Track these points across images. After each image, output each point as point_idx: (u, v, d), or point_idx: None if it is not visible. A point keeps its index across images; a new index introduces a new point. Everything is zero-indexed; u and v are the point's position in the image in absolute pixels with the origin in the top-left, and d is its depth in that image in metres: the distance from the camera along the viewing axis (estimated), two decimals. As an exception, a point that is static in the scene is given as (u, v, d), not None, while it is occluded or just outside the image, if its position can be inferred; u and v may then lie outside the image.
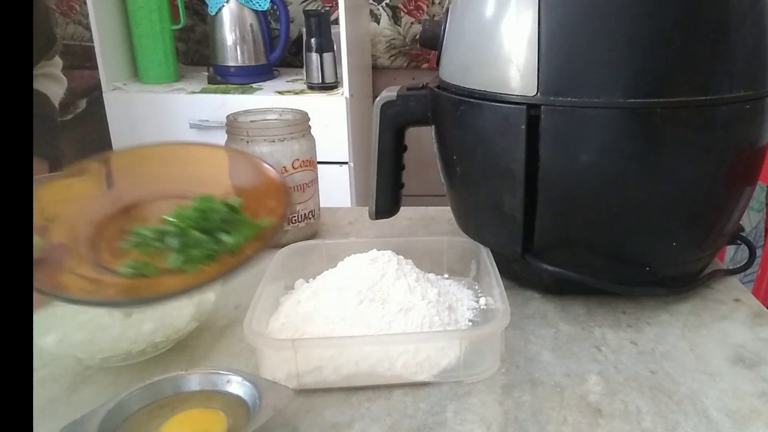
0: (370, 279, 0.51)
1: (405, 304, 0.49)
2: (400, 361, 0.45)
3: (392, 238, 0.70)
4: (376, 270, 0.52)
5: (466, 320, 0.52)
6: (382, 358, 0.45)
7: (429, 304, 0.50)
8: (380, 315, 0.48)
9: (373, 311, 0.49)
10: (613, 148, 0.49)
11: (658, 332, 0.53)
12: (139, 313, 0.48)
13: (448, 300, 0.53)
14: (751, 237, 1.69)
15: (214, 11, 1.70)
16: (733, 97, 0.49)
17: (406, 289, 0.51)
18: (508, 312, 0.46)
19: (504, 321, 0.46)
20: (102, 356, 0.47)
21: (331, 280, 0.53)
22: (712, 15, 0.47)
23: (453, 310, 0.52)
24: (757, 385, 0.46)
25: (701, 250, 0.57)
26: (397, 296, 0.50)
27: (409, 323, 0.48)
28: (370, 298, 0.49)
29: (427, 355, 0.46)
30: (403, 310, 0.49)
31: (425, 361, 0.46)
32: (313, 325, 0.48)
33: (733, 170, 0.53)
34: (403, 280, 0.51)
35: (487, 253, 0.57)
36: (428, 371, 0.46)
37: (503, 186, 0.54)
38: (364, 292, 0.50)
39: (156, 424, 0.39)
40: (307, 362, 0.45)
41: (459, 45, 0.56)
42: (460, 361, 0.46)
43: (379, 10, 1.98)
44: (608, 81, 0.47)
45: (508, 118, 0.51)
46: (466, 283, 0.60)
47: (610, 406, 0.44)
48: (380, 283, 0.51)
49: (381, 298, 0.50)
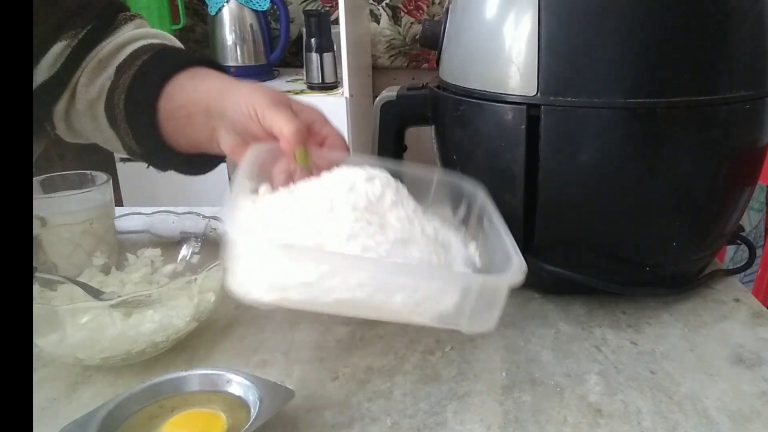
0: (366, 197, 0.44)
1: (404, 234, 0.43)
2: (398, 296, 0.39)
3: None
4: (374, 189, 0.44)
5: (461, 265, 0.46)
6: (380, 288, 0.39)
7: (428, 240, 0.44)
8: (378, 241, 0.41)
9: (369, 234, 0.42)
10: (613, 148, 0.49)
11: (658, 332, 0.53)
12: (139, 313, 0.48)
13: (443, 239, 0.47)
14: (751, 237, 1.69)
15: (214, 11, 1.70)
16: (733, 97, 0.49)
17: (405, 218, 0.44)
18: (523, 266, 0.40)
19: (517, 275, 0.39)
20: (102, 356, 0.47)
21: (321, 190, 0.45)
22: (712, 15, 0.47)
23: (448, 251, 0.46)
24: (757, 385, 0.46)
25: (701, 250, 0.57)
26: (395, 224, 0.43)
27: (407, 258, 0.42)
28: (367, 219, 0.42)
29: (425, 295, 0.40)
30: (401, 241, 0.42)
31: (424, 302, 0.40)
32: (301, 237, 0.42)
33: (733, 170, 0.53)
34: (401, 207, 0.45)
35: (485, 196, 0.50)
36: (427, 313, 0.40)
37: (503, 186, 0.54)
38: (361, 210, 0.43)
39: (156, 424, 0.39)
40: (296, 274, 0.39)
41: (459, 45, 0.56)
42: (461, 308, 0.40)
43: (379, 10, 1.98)
44: (608, 81, 0.47)
45: (508, 118, 0.51)
46: (451, 225, 0.52)
47: (610, 406, 0.44)
48: (377, 205, 0.44)
49: (378, 222, 0.43)
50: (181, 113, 0.55)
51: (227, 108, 0.51)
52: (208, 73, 0.56)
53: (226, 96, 0.51)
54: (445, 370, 0.48)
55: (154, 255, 0.58)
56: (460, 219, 0.53)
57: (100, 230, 0.58)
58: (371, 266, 0.40)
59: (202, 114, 0.53)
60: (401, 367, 0.49)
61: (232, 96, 0.51)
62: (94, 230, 0.58)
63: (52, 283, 0.53)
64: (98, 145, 0.62)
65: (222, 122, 0.52)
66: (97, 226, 0.58)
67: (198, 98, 0.54)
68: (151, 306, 0.47)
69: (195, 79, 0.55)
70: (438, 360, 0.50)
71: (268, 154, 0.49)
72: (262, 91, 0.51)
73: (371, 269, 0.40)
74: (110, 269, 0.58)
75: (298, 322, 0.55)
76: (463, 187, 0.53)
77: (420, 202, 0.50)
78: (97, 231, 0.58)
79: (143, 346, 0.47)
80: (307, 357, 0.50)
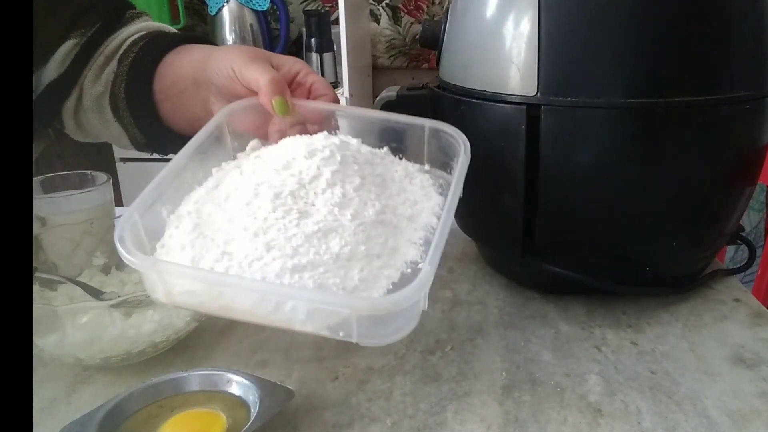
0: (297, 179, 0.42)
1: (327, 223, 0.40)
2: (288, 304, 0.38)
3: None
4: (310, 168, 0.42)
5: (411, 247, 0.43)
6: (263, 300, 0.38)
7: (359, 227, 0.41)
8: (290, 234, 0.40)
9: (283, 227, 0.40)
10: (613, 148, 0.49)
11: (658, 332, 0.53)
12: (139, 313, 0.48)
13: (396, 218, 0.44)
14: (751, 237, 1.69)
15: (214, 11, 1.70)
16: (733, 97, 0.49)
17: (338, 201, 0.42)
18: (431, 276, 0.37)
19: (412, 291, 0.36)
20: (102, 356, 0.47)
21: (256, 171, 0.44)
22: (712, 15, 0.47)
23: (397, 233, 0.43)
24: (757, 385, 0.46)
25: (701, 250, 0.57)
26: (321, 210, 0.41)
27: (322, 252, 0.39)
28: (288, 206, 0.41)
29: (313, 308, 0.38)
30: (320, 233, 0.40)
31: (315, 312, 0.38)
32: (213, 227, 0.41)
33: (733, 170, 0.53)
34: (339, 187, 0.42)
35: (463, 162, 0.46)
36: (321, 321, 0.38)
37: (503, 186, 0.54)
38: (284, 196, 0.41)
39: (156, 424, 0.39)
40: (179, 284, 0.39)
41: (459, 45, 0.56)
42: (349, 324, 0.37)
43: (379, 10, 1.98)
44: (608, 81, 0.47)
45: (508, 118, 0.51)
46: (444, 182, 0.49)
47: (610, 406, 0.44)
48: (308, 187, 0.42)
49: (301, 209, 0.41)
50: (174, 91, 0.56)
51: (210, 74, 0.52)
52: (194, 47, 0.57)
53: (208, 63, 0.52)
54: (445, 370, 0.48)
55: (154, 255, 0.58)
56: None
57: (100, 230, 0.58)
58: (239, 282, 0.38)
59: (191, 87, 0.55)
60: (401, 367, 0.49)
61: (213, 61, 0.52)
62: (94, 230, 0.58)
63: (52, 283, 0.53)
64: (98, 144, 0.62)
65: (209, 90, 0.53)
66: (97, 226, 0.58)
67: (185, 72, 0.55)
68: (151, 306, 0.47)
69: (181, 54, 0.57)
70: (438, 360, 0.50)
71: (245, 111, 0.50)
72: (239, 51, 0.51)
73: (239, 286, 0.38)
74: (110, 269, 0.58)
75: (298, 322, 0.55)
76: (451, 141, 0.49)
77: (415, 158, 0.49)
78: (97, 231, 0.58)
79: (143, 346, 0.47)
80: (307, 357, 0.50)
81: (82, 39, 0.58)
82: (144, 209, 0.42)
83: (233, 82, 0.50)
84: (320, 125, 0.50)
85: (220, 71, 0.51)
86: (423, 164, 0.50)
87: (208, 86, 0.53)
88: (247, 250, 0.39)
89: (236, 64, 0.50)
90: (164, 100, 0.57)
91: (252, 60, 0.50)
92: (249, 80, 0.49)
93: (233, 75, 0.50)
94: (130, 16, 0.61)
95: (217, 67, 0.51)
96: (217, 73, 0.51)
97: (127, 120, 0.58)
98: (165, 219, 0.43)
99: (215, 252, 0.40)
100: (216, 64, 0.51)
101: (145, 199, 0.42)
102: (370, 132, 0.50)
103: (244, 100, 0.50)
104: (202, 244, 0.41)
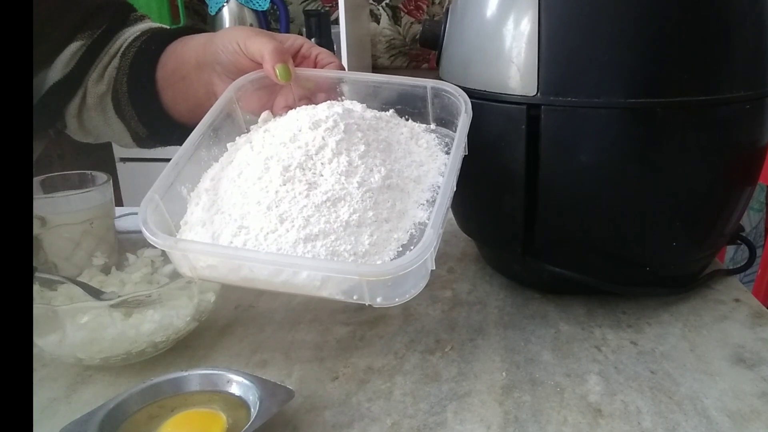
0: (304, 151, 0.43)
1: (335, 192, 0.42)
2: (303, 273, 0.40)
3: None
4: (315, 139, 0.44)
5: (419, 209, 0.44)
6: (279, 270, 0.40)
7: (366, 194, 0.43)
8: (300, 206, 0.42)
9: (294, 199, 0.42)
10: (613, 148, 0.49)
11: (658, 332, 0.53)
12: (139, 313, 0.48)
13: (403, 181, 0.45)
14: (751, 237, 1.69)
15: (214, 11, 1.70)
16: (733, 97, 0.49)
17: (344, 170, 0.43)
18: (435, 238, 0.39)
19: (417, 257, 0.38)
20: (102, 356, 0.47)
21: (265, 146, 0.46)
22: (712, 15, 0.47)
23: (404, 196, 0.44)
24: (757, 385, 0.46)
25: (701, 250, 0.57)
26: (329, 179, 0.42)
27: (332, 221, 0.41)
28: (298, 178, 0.42)
29: (326, 275, 0.40)
30: (329, 202, 0.42)
31: (328, 279, 0.40)
32: (230, 202, 0.43)
33: (733, 170, 0.53)
34: (344, 155, 0.43)
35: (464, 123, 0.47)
36: (334, 287, 0.40)
37: (503, 186, 0.54)
38: (293, 169, 0.43)
39: (156, 424, 0.39)
40: (202, 260, 0.41)
41: (459, 45, 0.56)
42: (360, 288, 0.40)
43: (379, 10, 1.98)
44: (608, 81, 0.47)
45: (508, 118, 0.51)
46: (450, 140, 0.49)
47: (610, 406, 0.44)
48: (315, 158, 0.43)
49: (309, 180, 0.42)
50: (176, 77, 0.58)
51: (216, 51, 0.54)
52: (195, 35, 0.59)
53: (212, 43, 0.55)
54: (445, 370, 0.48)
55: (154, 255, 0.59)
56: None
57: (100, 230, 0.58)
58: (255, 256, 0.41)
59: (193, 71, 0.57)
60: (401, 367, 0.49)
61: (217, 40, 0.54)
62: (94, 230, 0.58)
63: (52, 283, 0.53)
64: (98, 144, 0.63)
65: (213, 71, 0.55)
66: (97, 226, 0.58)
67: (187, 57, 0.57)
68: (151, 306, 0.47)
69: (182, 42, 0.59)
70: (438, 360, 0.50)
71: (253, 86, 0.52)
72: (243, 28, 0.55)
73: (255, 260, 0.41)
74: (110, 269, 0.58)
75: (298, 322, 0.55)
76: (454, 101, 0.50)
77: (420, 118, 0.51)
78: (97, 231, 0.58)
79: (143, 346, 0.47)
80: (307, 357, 0.50)
81: (88, 40, 0.59)
82: (164, 190, 0.44)
83: (239, 56, 0.52)
84: (327, 94, 0.53)
85: (225, 47, 0.53)
86: (429, 124, 0.52)
87: (212, 66, 0.55)
88: (262, 223, 0.42)
89: (241, 38, 0.52)
90: (166, 87, 0.59)
91: (256, 34, 0.52)
92: (254, 52, 0.51)
93: (238, 49, 0.52)
94: (134, 19, 0.63)
95: (222, 44, 0.53)
96: (222, 50, 0.53)
97: (129, 114, 0.60)
98: (186, 197, 0.46)
99: (233, 227, 0.43)
100: (221, 41, 0.54)
101: (165, 180, 0.44)
102: (374, 96, 0.53)
103: (252, 73, 0.52)
104: (221, 219, 0.44)
